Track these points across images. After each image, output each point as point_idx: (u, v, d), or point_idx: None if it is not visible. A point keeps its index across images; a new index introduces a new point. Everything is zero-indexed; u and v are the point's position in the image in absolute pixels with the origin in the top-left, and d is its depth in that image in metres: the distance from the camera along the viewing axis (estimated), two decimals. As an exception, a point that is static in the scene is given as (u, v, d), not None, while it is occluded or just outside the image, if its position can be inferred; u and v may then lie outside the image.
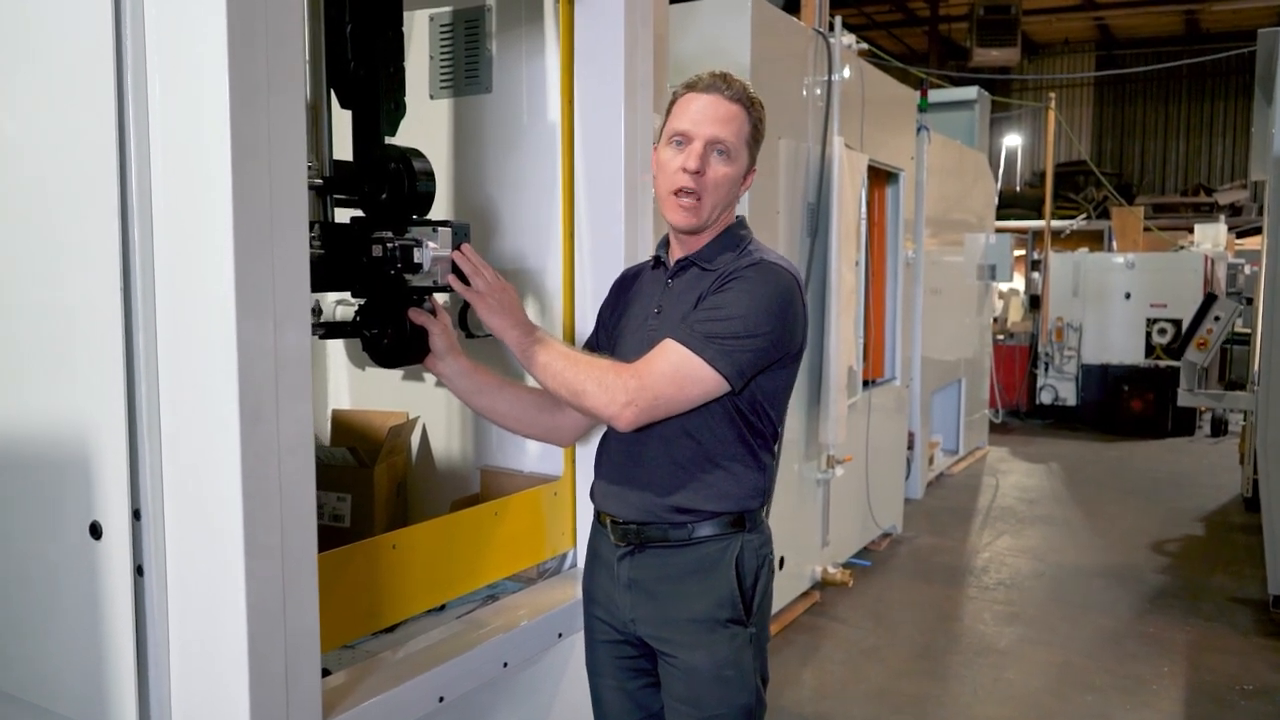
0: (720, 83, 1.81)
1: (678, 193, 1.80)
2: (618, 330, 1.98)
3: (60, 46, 1.52)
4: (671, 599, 1.84)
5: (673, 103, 1.86)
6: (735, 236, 1.89)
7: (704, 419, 1.80)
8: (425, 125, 2.64)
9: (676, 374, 1.72)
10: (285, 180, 1.46)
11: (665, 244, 1.97)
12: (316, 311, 2.09)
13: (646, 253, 2.26)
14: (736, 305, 1.74)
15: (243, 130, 1.38)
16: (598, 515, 1.96)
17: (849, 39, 4.91)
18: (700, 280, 1.83)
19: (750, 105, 1.83)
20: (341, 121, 2.03)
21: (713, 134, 1.79)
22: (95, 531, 1.51)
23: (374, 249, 1.86)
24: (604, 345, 2.00)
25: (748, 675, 1.83)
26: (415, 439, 2.74)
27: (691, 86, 1.83)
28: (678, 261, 1.91)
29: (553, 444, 2.12)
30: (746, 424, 1.83)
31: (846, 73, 4.87)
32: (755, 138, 1.86)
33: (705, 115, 1.79)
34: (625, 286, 2.05)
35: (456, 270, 1.89)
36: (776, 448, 1.93)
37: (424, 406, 2.69)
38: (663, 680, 1.88)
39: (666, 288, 1.91)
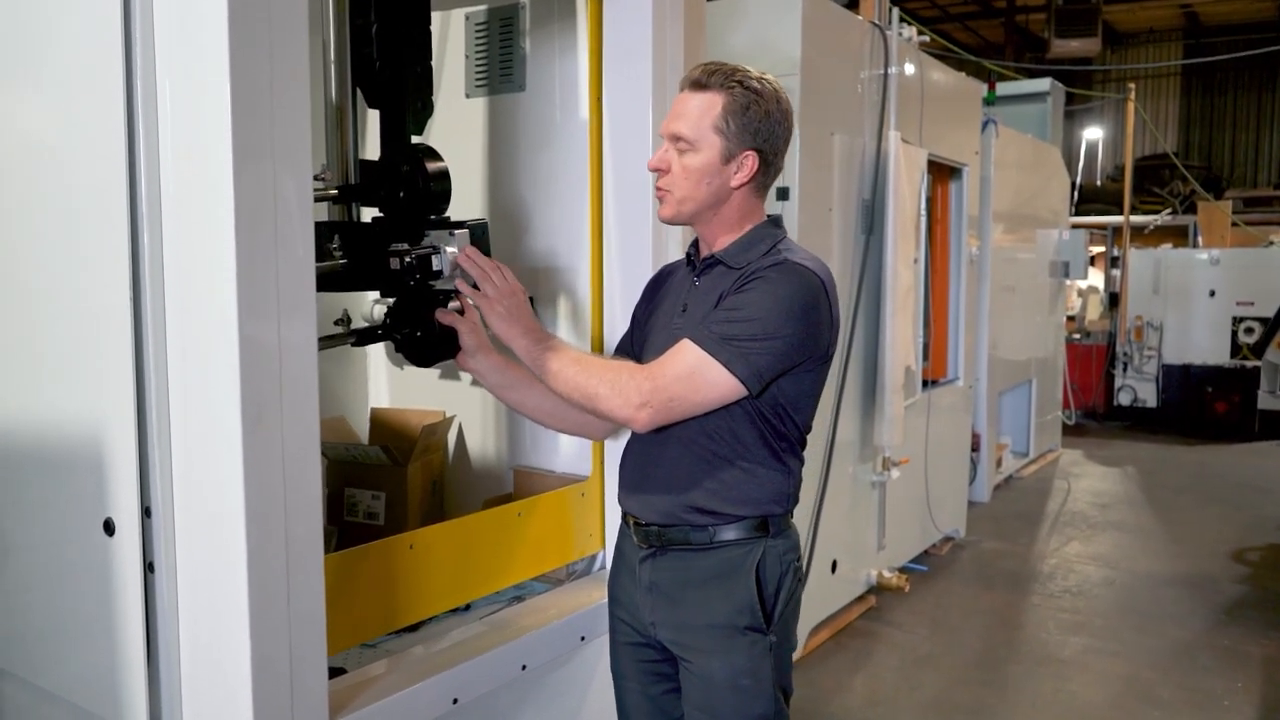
0: (691, 76, 1.78)
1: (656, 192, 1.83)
2: (646, 328, 1.95)
3: (71, 49, 1.55)
4: (691, 604, 1.81)
5: None
6: (764, 235, 1.84)
7: (725, 421, 1.76)
8: (461, 125, 2.66)
9: (691, 375, 1.68)
10: (290, 181, 1.46)
11: (696, 243, 1.93)
12: (346, 320, 2.11)
13: (674, 252, 2.22)
14: (756, 306, 1.70)
15: (245, 132, 1.39)
16: (623, 516, 1.95)
17: (908, 31, 4.79)
18: (724, 279, 1.80)
19: (731, 87, 1.74)
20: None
21: (669, 130, 1.79)
22: (109, 528, 1.54)
23: (392, 261, 1.86)
24: (636, 343, 1.98)
25: (765, 685, 1.78)
26: (452, 438, 2.75)
27: (681, 86, 1.82)
28: (704, 259, 1.87)
29: (586, 438, 2.11)
30: (769, 427, 1.78)
31: (909, 70, 4.76)
32: (733, 120, 1.74)
33: (671, 114, 1.80)
34: (658, 285, 2.03)
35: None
36: (803, 452, 1.88)
37: (461, 405, 2.69)
38: (682, 686, 1.85)
39: (693, 286, 1.87)
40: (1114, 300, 10.48)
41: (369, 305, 2.51)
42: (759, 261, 1.77)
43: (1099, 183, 15.05)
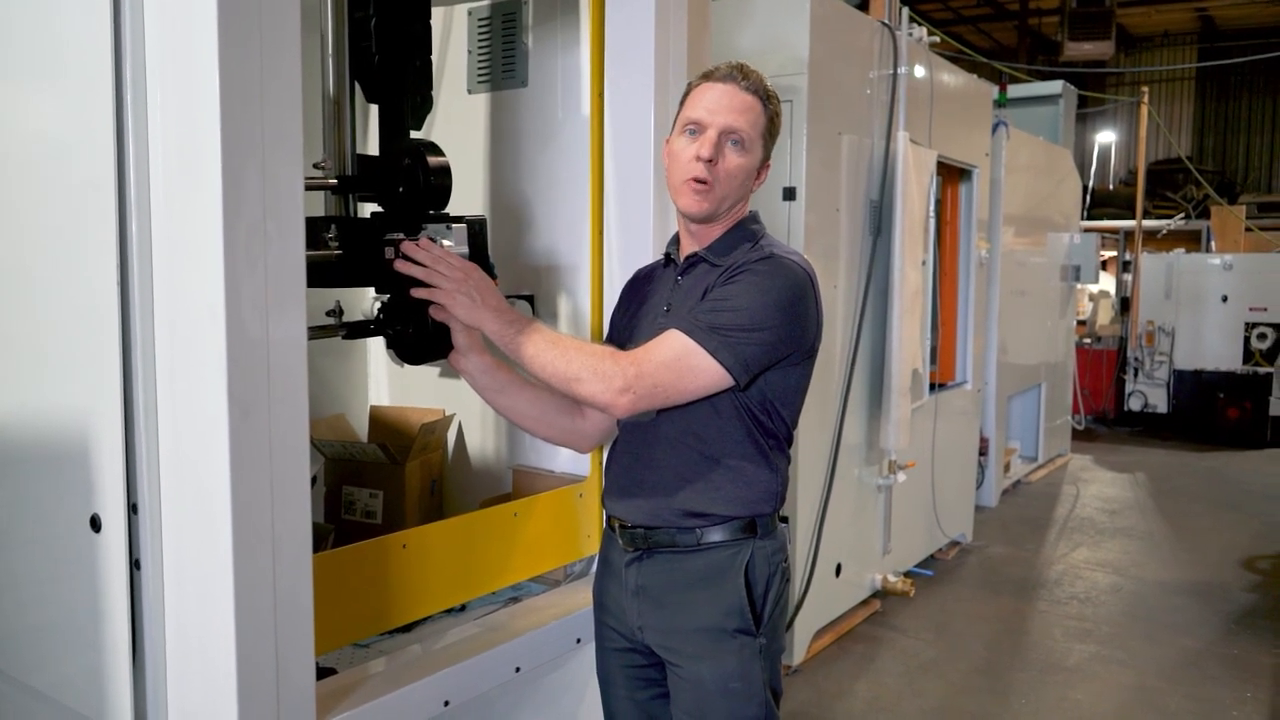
0: (737, 73, 1.76)
1: (690, 182, 1.75)
2: (628, 331, 1.92)
3: (59, 40, 1.53)
4: (679, 607, 1.78)
5: (687, 93, 1.81)
6: (747, 231, 1.83)
7: (712, 418, 1.74)
8: (463, 120, 2.63)
9: (677, 363, 1.66)
10: (281, 174, 1.44)
11: (676, 241, 1.91)
12: (339, 312, 2.08)
13: (674, 250, 2.20)
14: (743, 297, 1.68)
15: (234, 123, 1.37)
16: (608, 520, 1.92)
17: (918, 32, 4.76)
18: (708, 275, 1.78)
19: (767, 98, 1.77)
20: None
21: (727, 123, 1.73)
22: (95, 524, 1.52)
23: (387, 251, 1.84)
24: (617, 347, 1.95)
25: (756, 688, 1.76)
26: (451, 436, 2.73)
27: (707, 76, 1.79)
28: (687, 257, 1.85)
29: (572, 448, 2.06)
30: (757, 424, 1.76)
31: (920, 71, 4.72)
32: (771, 131, 1.80)
33: (720, 105, 1.74)
34: (636, 288, 2.00)
35: (410, 278, 1.77)
36: (790, 450, 1.85)
37: (461, 404, 2.67)
38: (670, 691, 1.82)
39: (676, 285, 1.85)
40: (1125, 305, 10.42)
41: (369, 301, 2.49)
42: (744, 256, 1.77)
43: (1111, 186, 14.98)
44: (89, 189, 1.47)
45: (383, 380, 2.89)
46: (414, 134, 1.99)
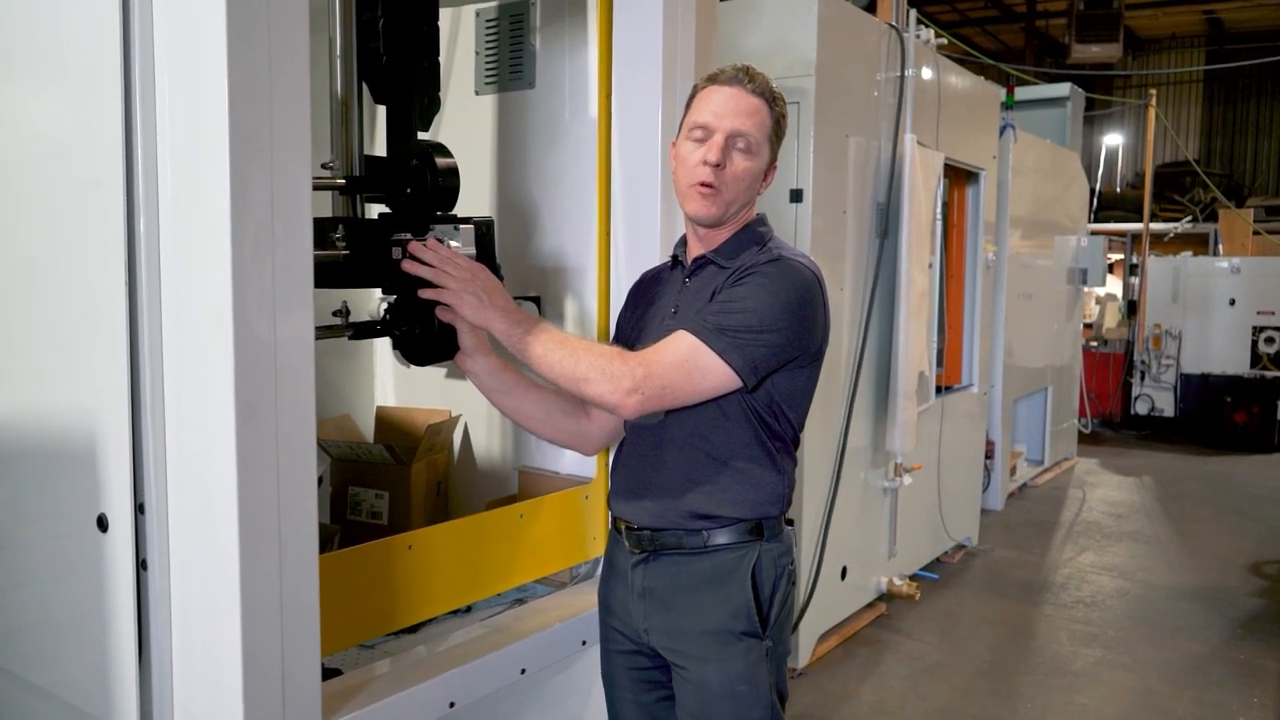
0: (742, 76, 1.75)
1: (697, 187, 1.74)
2: (635, 334, 1.92)
3: (68, 39, 1.54)
4: (685, 609, 1.78)
5: (693, 96, 1.81)
6: (755, 233, 1.83)
7: (719, 420, 1.74)
8: (470, 121, 2.64)
9: (685, 364, 1.65)
10: (289, 174, 1.44)
11: (683, 243, 1.91)
12: (345, 313, 2.08)
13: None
14: (753, 299, 1.68)
15: (242, 123, 1.37)
16: (614, 522, 1.92)
17: (925, 34, 4.75)
18: (716, 278, 1.78)
19: (773, 100, 1.77)
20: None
21: (734, 127, 1.73)
22: (102, 524, 1.52)
23: (394, 251, 1.84)
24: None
25: (762, 691, 1.75)
26: (457, 437, 2.73)
27: (713, 79, 1.78)
28: (695, 260, 1.85)
29: (577, 450, 2.06)
30: (764, 426, 1.76)
31: (927, 74, 4.71)
32: (777, 133, 1.80)
33: (727, 108, 1.73)
34: (643, 290, 2.00)
35: (416, 279, 1.77)
36: (797, 453, 1.85)
37: (467, 405, 2.67)
38: (676, 693, 1.82)
39: (684, 287, 1.85)
40: (1132, 308, 10.39)
41: (376, 302, 2.50)
42: (753, 258, 1.76)
43: (1119, 189, 14.95)
44: (97, 189, 1.47)
45: (389, 381, 2.90)
46: (421, 135, 1.99)
